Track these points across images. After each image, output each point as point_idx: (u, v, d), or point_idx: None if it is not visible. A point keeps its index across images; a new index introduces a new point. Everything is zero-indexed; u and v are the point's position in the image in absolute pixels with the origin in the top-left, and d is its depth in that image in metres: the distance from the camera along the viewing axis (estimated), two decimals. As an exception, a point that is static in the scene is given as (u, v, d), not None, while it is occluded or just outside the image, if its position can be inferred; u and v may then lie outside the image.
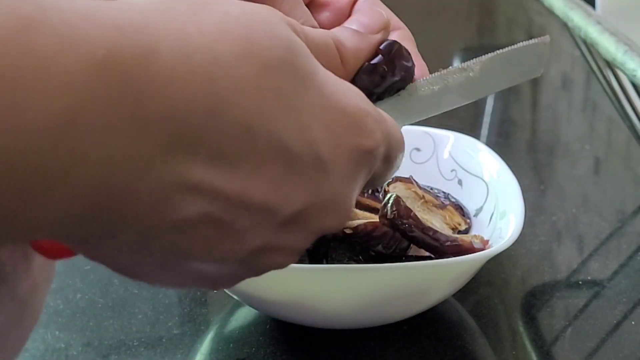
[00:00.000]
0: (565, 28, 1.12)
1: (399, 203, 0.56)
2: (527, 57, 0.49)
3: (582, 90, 1.05)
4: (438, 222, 0.59)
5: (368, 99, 0.37)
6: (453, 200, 0.64)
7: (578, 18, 1.04)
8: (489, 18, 1.41)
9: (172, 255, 0.33)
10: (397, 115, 0.43)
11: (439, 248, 0.56)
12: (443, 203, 0.62)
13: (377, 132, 0.36)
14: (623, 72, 0.92)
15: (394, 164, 0.39)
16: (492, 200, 0.62)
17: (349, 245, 0.57)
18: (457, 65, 0.47)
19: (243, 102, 0.32)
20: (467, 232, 0.62)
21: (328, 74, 0.35)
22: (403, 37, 0.46)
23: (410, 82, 0.44)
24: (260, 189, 0.33)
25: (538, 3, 1.19)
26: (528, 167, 0.86)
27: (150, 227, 0.32)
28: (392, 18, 0.46)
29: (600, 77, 1.02)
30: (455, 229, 0.61)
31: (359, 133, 0.35)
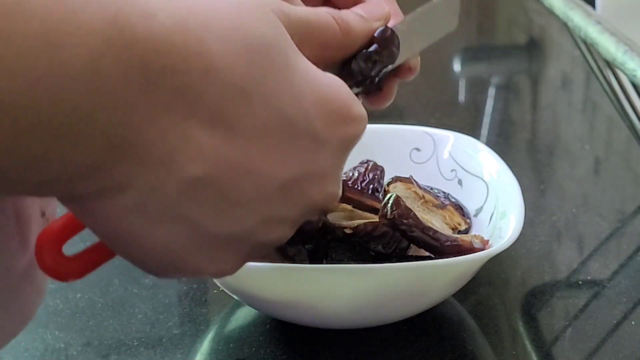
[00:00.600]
0: (565, 28, 1.12)
1: (399, 203, 0.56)
2: (442, 12, 0.53)
3: (582, 90, 1.06)
4: (438, 222, 0.59)
5: (355, 96, 0.39)
6: (453, 200, 0.64)
7: (578, 18, 1.04)
8: (489, 18, 1.41)
9: (181, 221, 0.34)
10: None
11: (439, 248, 0.56)
12: (443, 203, 0.62)
13: (361, 123, 0.38)
14: (623, 72, 0.92)
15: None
16: (492, 200, 0.62)
17: (349, 245, 0.57)
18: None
19: (236, 67, 0.34)
20: (467, 232, 0.62)
21: (310, 64, 0.38)
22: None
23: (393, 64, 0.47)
24: (260, 154, 0.35)
25: (538, 3, 1.19)
26: (528, 167, 0.86)
27: (159, 183, 0.33)
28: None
29: (600, 77, 1.02)
30: (455, 229, 0.61)
31: (346, 121, 0.38)
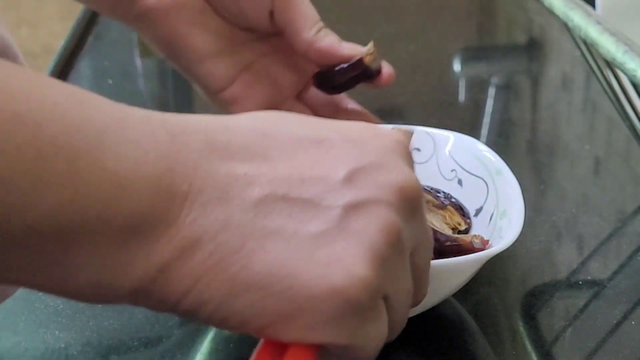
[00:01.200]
0: (565, 28, 1.12)
1: None
2: None
3: (582, 90, 1.05)
4: (438, 222, 0.59)
5: None
6: (453, 200, 0.64)
7: (578, 18, 1.04)
8: (489, 18, 1.41)
9: (268, 237, 0.36)
10: None
11: (439, 248, 0.56)
12: (443, 203, 0.62)
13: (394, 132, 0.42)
14: (623, 72, 0.92)
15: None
16: (492, 200, 0.62)
17: None
18: None
19: (249, 122, 0.39)
20: (467, 232, 0.62)
21: None
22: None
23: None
24: (305, 167, 0.37)
25: (538, 3, 1.19)
26: (528, 167, 0.86)
27: (226, 216, 0.35)
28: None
29: (600, 77, 1.02)
30: (455, 229, 0.61)
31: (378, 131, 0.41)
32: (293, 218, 0.36)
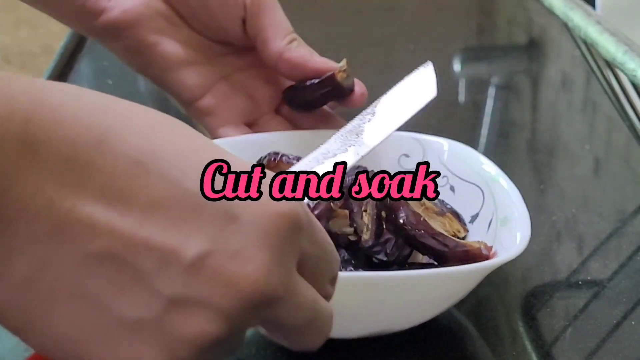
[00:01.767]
0: (565, 28, 1.12)
1: (408, 208, 0.56)
2: (416, 85, 0.54)
3: (582, 90, 1.05)
4: (439, 228, 0.58)
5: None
6: (449, 207, 0.63)
7: (578, 18, 1.04)
8: (489, 18, 1.41)
9: (81, 301, 0.32)
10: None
11: (448, 253, 0.55)
12: (442, 210, 0.61)
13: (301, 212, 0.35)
14: (623, 72, 0.92)
15: (323, 256, 0.37)
16: (489, 207, 0.61)
17: (352, 253, 0.56)
18: (358, 116, 0.53)
19: (132, 137, 0.33)
20: (464, 239, 0.61)
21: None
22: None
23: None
24: (159, 229, 0.32)
25: (538, 3, 1.19)
26: (528, 167, 0.86)
27: (50, 258, 0.31)
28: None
29: (600, 77, 1.02)
30: (455, 236, 0.60)
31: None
32: (113, 287, 0.32)
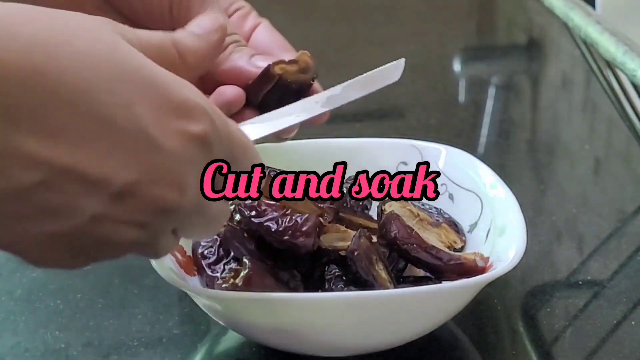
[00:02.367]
0: (565, 28, 1.12)
1: (400, 222, 0.55)
2: (383, 76, 0.53)
3: (582, 90, 1.06)
4: (434, 240, 0.57)
5: (203, 95, 0.40)
6: (446, 217, 0.62)
7: (578, 18, 1.04)
8: (489, 18, 1.41)
9: (15, 220, 0.36)
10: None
11: (442, 267, 0.55)
12: (437, 221, 0.60)
13: (204, 121, 0.39)
14: (623, 72, 0.92)
15: (241, 165, 0.42)
16: (487, 215, 0.60)
17: (345, 268, 0.55)
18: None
19: (63, 77, 0.35)
20: (461, 250, 0.60)
21: (159, 70, 0.38)
22: (266, 27, 0.54)
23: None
24: (88, 161, 0.35)
25: (538, 3, 1.19)
26: (528, 167, 0.86)
27: None
28: (285, 44, 0.54)
29: (600, 77, 1.02)
30: (451, 247, 0.59)
31: (185, 117, 0.38)
32: (47, 209, 0.36)
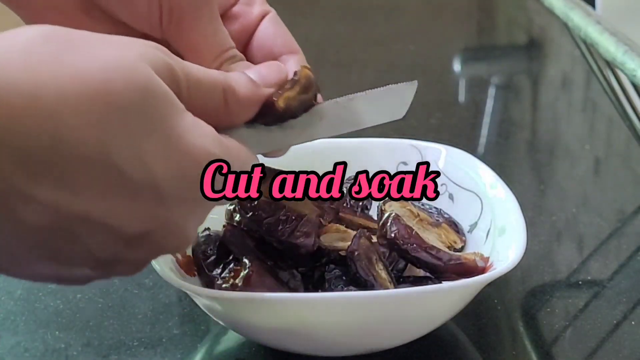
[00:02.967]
0: (565, 28, 1.12)
1: (400, 222, 0.55)
2: (392, 98, 0.52)
3: (582, 90, 1.06)
4: (434, 240, 0.57)
5: (221, 143, 0.41)
6: (446, 217, 0.62)
7: (578, 18, 1.04)
8: (489, 18, 1.41)
9: (21, 250, 0.37)
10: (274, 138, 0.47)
11: (442, 267, 0.54)
12: (437, 221, 0.60)
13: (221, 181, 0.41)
14: (623, 72, 0.92)
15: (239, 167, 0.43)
16: (487, 215, 0.60)
17: (345, 268, 0.54)
18: (331, 100, 0.50)
19: (84, 137, 0.36)
20: (462, 250, 0.60)
21: (184, 118, 0.39)
22: (272, 20, 0.52)
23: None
24: (102, 212, 0.37)
25: (538, 3, 1.19)
26: (528, 167, 0.86)
27: (3, 229, 0.36)
28: (290, 41, 0.51)
29: (600, 77, 1.02)
30: (451, 247, 0.59)
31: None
32: (55, 248, 0.37)
